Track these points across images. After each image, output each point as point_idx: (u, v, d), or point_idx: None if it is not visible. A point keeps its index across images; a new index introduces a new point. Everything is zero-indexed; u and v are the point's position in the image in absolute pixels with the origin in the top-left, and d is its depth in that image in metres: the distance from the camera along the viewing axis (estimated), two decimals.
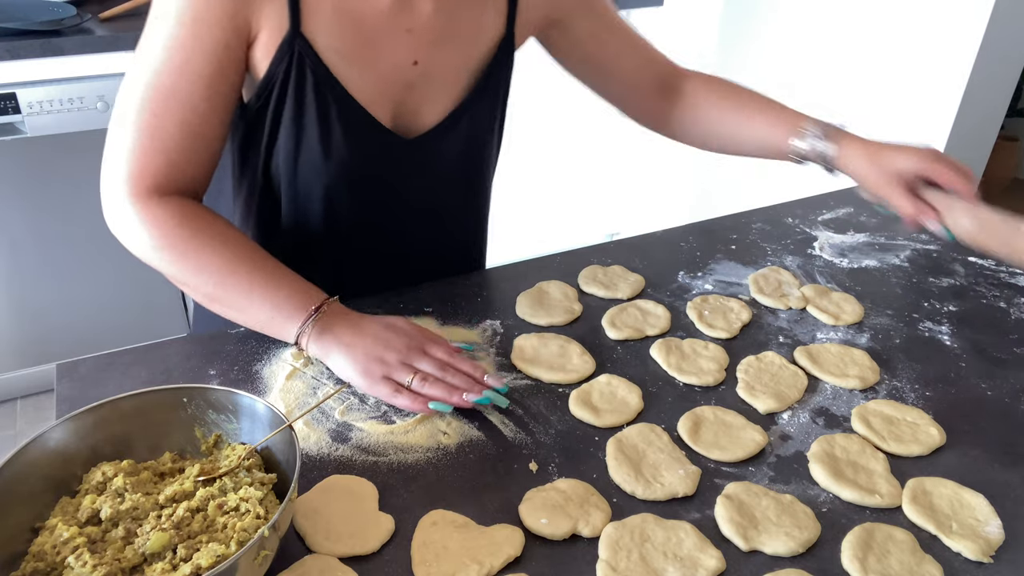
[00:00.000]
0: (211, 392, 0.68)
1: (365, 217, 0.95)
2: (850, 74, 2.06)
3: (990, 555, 0.65)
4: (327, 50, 0.81)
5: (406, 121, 0.90)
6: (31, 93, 1.77)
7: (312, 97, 0.82)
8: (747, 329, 0.95)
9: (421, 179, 0.95)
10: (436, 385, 0.77)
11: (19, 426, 2.11)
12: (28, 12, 1.81)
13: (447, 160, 0.95)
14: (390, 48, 0.84)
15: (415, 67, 0.86)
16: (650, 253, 1.10)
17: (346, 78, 0.83)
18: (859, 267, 1.09)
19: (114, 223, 0.80)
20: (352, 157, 0.87)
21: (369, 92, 0.85)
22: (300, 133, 0.85)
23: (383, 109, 0.87)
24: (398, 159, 0.91)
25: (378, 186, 0.93)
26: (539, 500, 0.68)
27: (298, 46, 0.80)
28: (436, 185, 0.97)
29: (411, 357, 0.78)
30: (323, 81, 0.82)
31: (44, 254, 1.98)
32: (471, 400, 0.77)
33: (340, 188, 0.90)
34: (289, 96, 0.82)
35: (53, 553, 0.57)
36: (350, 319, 0.80)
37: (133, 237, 0.79)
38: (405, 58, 0.85)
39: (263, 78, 0.82)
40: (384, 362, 0.77)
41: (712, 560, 0.63)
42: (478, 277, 1.04)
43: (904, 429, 0.78)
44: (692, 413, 0.79)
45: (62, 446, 0.63)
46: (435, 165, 0.94)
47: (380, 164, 0.90)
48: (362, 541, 0.64)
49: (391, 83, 0.86)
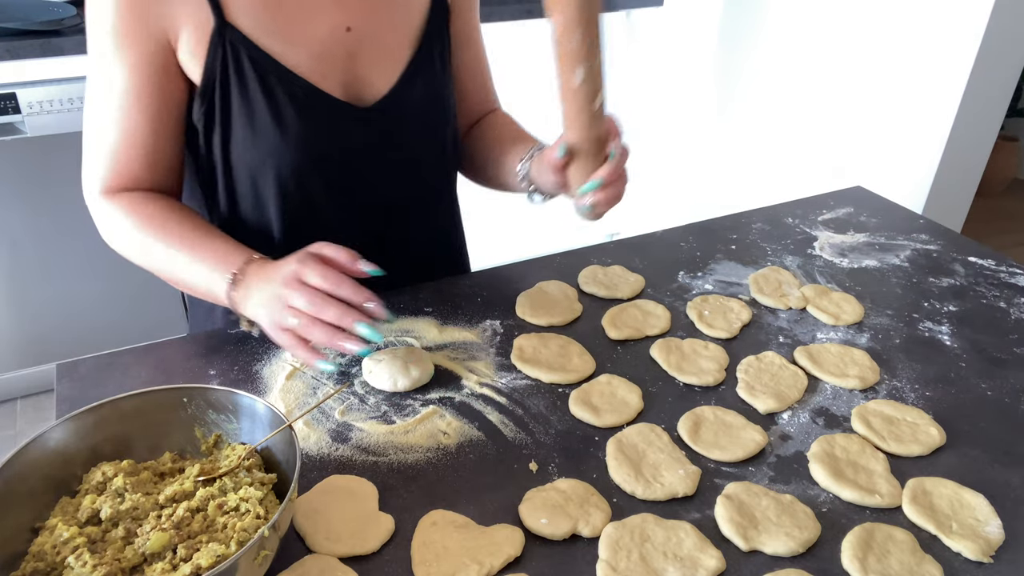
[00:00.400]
0: (211, 392, 0.68)
1: (336, 203, 0.93)
2: (850, 74, 2.06)
3: (990, 555, 0.65)
4: (257, 32, 0.82)
5: (357, 90, 0.90)
6: (31, 93, 1.77)
7: (255, 81, 0.83)
8: (747, 329, 0.95)
9: (387, 150, 0.93)
10: (313, 326, 0.72)
11: (19, 426, 2.11)
12: (28, 12, 1.81)
13: (410, 124, 0.93)
14: (318, 18, 0.85)
15: (350, 33, 0.87)
16: (650, 253, 1.11)
17: (283, 55, 0.84)
18: (859, 267, 1.09)
19: (97, 224, 0.88)
20: (309, 132, 0.86)
21: (310, 65, 0.85)
22: (253, 119, 0.85)
23: (330, 80, 0.87)
24: (358, 129, 0.90)
25: (344, 164, 0.91)
26: (539, 500, 0.68)
27: (228, 35, 0.81)
28: (403, 159, 0.95)
29: (288, 294, 0.73)
30: (262, 63, 0.82)
31: (44, 254, 1.98)
32: (352, 349, 0.71)
33: (306, 171, 0.89)
34: (233, 86, 0.83)
35: (53, 553, 0.57)
36: (263, 271, 0.76)
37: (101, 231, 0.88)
38: (337, 25, 0.86)
39: (203, 77, 0.83)
40: (283, 307, 0.73)
41: (712, 560, 0.63)
42: (478, 277, 1.04)
43: (904, 429, 0.78)
44: (692, 413, 0.79)
45: (62, 446, 0.63)
46: (399, 131, 0.93)
47: (340, 137, 0.90)
48: (362, 541, 0.64)
49: (330, 53, 0.86)
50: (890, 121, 1.97)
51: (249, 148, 0.86)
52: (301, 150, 0.87)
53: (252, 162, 0.87)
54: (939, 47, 1.81)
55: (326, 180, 0.91)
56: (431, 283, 1.01)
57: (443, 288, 1.00)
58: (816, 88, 2.17)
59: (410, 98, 0.92)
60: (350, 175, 0.93)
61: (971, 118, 1.84)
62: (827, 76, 2.13)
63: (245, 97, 0.83)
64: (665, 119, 2.67)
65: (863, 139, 2.06)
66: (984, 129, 1.91)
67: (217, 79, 0.82)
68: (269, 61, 0.83)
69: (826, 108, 2.15)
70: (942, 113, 1.84)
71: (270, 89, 0.83)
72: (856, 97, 2.05)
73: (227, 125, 0.85)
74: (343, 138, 0.90)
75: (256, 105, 0.84)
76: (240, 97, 0.83)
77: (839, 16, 2.06)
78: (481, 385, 0.83)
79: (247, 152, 0.87)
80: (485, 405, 0.81)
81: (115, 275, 2.06)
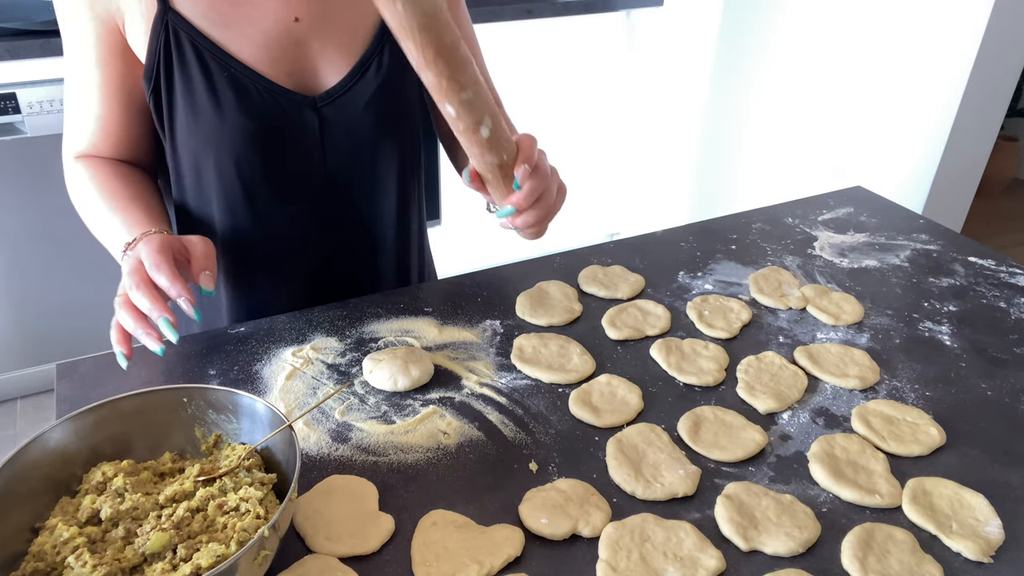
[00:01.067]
0: (211, 392, 0.68)
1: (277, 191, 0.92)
2: (850, 74, 2.06)
3: (990, 555, 0.65)
4: (199, 18, 0.83)
5: (306, 80, 0.89)
6: (31, 93, 1.77)
7: (196, 67, 0.83)
8: (747, 329, 0.95)
9: (336, 140, 0.92)
10: (124, 308, 0.72)
11: (19, 426, 2.11)
12: (28, 12, 1.81)
13: (359, 116, 0.91)
14: (262, 8, 0.85)
15: (298, 24, 0.86)
16: (650, 253, 1.11)
17: (226, 43, 0.84)
18: (859, 267, 1.09)
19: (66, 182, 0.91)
20: (248, 118, 0.86)
21: (254, 53, 0.85)
22: (193, 104, 0.85)
23: (276, 69, 0.87)
24: (302, 118, 0.89)
25: (287, 153, 0.90)
26: (539, 500, 0.68)
27: (170, 20, 0.82)
28: (354, 147, 0.93)
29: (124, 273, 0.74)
30: (203, 49, 0.83)
31: (44, 254, 1.98)
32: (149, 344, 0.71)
33: (246, 157, 0.88)
34: (175, 70, 0.84)
35: (53, 553, 0.57)
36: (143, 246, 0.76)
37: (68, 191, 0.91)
38: (284, 16, 0.86)
39: (146, 60, 0.84)
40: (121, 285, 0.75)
41: (712, 560, 0.63)
42: (478, 277, 1.04)
43: (904, 429, 0.78)
44: (692, 413, 0.79)
45: (62, 446, 0.63)
46: (345, 122, 0.91)
47: (283, 125, 0.88)
48: (362, 541, 0.64)
49: (277, 42, 0.86)
50: (890, 121, 1.97)
51: (192, 133, 0.87)
52: (241, 136, 0.86)
53: (194, 147, 0.88)
54: (939, 47, 1.82)
55: (267, 168, 0.90)
56: (431, 283, 1.01)
57: (443, 288, 1.00)
58: (816, 88, 2.17)
59: (360, 90, 0.91)
60: (293, 163, 0.91)
61: (971, 118, 1.84)
62: (827, 76, 2.13)
63: (187, 82, 0.84)
64: (665, 119, 2.67)
65: (863, 139, 2.06)
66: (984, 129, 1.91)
67: (161, 63, 0.83)
68: (211, 47, 0.83)
69: (826, 108, 2.15)
70: (942, 113, 1.84)
71: (210, 74, 0.84)
72: (856, 97, 2.05)
73: (172, 109, 0.86)
74: (286, 126, 0.89)
75: (196, 90, 0.84)
76: (182, 82, 0.84)
77: (839, 16, 2.06)
78: (481, 385, 0.83)
79: (190, 137, 0.87)
80: (485, 405, 0.81)
81: (115, 275, 2.05)
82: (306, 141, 0.90)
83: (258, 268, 0.96)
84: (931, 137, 1.87)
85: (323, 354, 0.87)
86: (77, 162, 0.90)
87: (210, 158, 0.88)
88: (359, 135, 0.93)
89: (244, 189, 0.90)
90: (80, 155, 0.90)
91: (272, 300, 0.97)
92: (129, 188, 0.87)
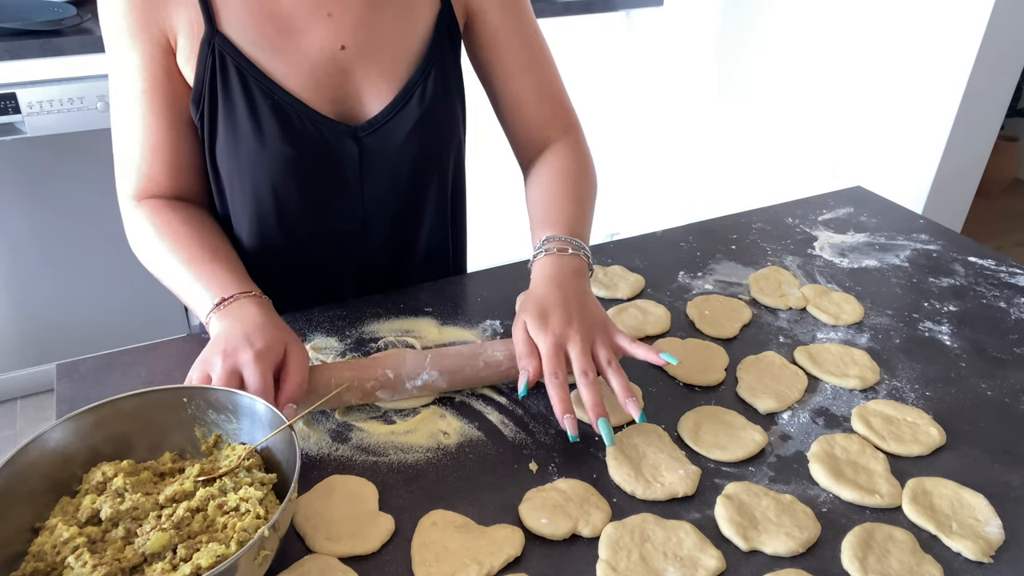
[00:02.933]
0: (211, 392, 0.68)
1: (311, 218, 0.92)
2: (850, 74, 2.06)
3: (990, 555, 0.65)
4: (246, 43, 0.82)
5: (349, 108, 0.88)
6: (31, 93, 1.77)
7: (239, 92, 0.83)
8: (747, 329, 0.95)
9: (375, 170, 0.91)
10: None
11: (19, 426, 2.11)
12: (28, 12, 1.81)
13: (399, 146, 0.90)
14: (311, 35, 0.84)
15: (344, 52, 0.85)
16: (650, 253, 1.10)
17: (271, 69, 0.83)
18: (859, 267, 1.09)
19: (126, 231, 0.88)
20: (291, 148, 0.85)
21: (300, 81, 0.84)
22: (235, 128, 0.85)
23: (319, 97, 0.86)
24: (345, 148, 0.88)
25: (330, 181, 0.90)
26: (539, 500, 0.68)
27: (217, 44, 0.81)
28: (394, 177, 0.93)
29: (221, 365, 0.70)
30: (248, 74, 0.82)
31: (44, 254, 1.98)
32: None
33: (289, 185, 0.88)
34: (219, 95, 0.83)
35: (53, 553, 0.57)
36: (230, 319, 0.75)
37: (129, 239, 0.88)
38: (331, 44, 0.85)
39: (194, 83, 0.83)
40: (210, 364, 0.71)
41: (712, 560, 0.63)
42: (478, 277, 1.04)
43: (904, 429, 0.78)
44: (692, 413, 0.79)
45: (62, 446, 0.63)
46: (387, 153, 0.90)
47: (327, 155, 0.88)
48: (362, 541, 0.64)
49: (322, 70, 0.85)
50: (890, 121, 1.97)
51: (231, 156, 0.86)
52: (280, 162, 0.86)
53: (232, 170, 0.88)
54: (939, 47, 1.82)
55: (303, 195, 0.90)
56: (431, 283, 1.01)
57: (443, 288, 1.00)
58: (816, 88, 2.17)
59: (402, 119, 0.89)
60: (330, 192, 0.91)
61: (971, 118, 1.84)
62: (827, 76, 2.13)
63: (229, 106, 0.84)
64: (665, 119, 2.67)
65: (863, 139, 2.06)
66: (984, 129, 1.91)
67: (206, 86, 0.83)
68: (256, 72, 0.83)
69: (826, 108, 2.15)
70: (942, 113, 1.84)
71: (253, 100, 0.83)
72: (856, 97, 2.05)
73: (213, 132, 0.86)
74: (327, 155, 0.88)
75: (238, 114, 0.84)
76: (224, 106, 0.84)
77: (839, 16, 2.06)
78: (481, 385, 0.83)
79: (230, 160, 0.87)
80: (485, 405, 0.81)
81: (115, 275, 2.07)
82: (345, 171, 0.90)
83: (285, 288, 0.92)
84: (931, 137, 1.87)
85: (323, 354, 0.87)
86: (137, 210, 0.86)
87: (247, 181, 0.88)
88: (398, 165, 0.92)
89: (278, 213, 0.90)
90: (138, 196, 0.87)
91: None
92: (203, 243, 0.83)
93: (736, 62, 2.42)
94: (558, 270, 0.81)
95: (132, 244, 0.87)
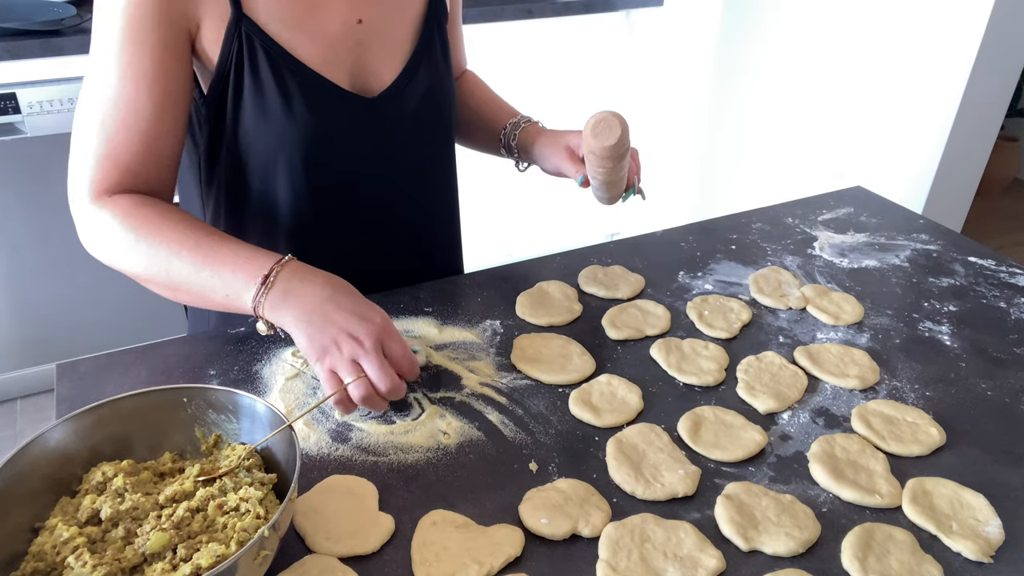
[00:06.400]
0: (211, 392, 0.68)
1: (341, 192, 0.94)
2: (850, 74, 2.06)
3: (990, 555, 0.65)
4: (272, 23, 0.83)
5: (363, 80, 0.91)
6: (31, 93, 1.77)
7: (268, 72, 0.84)
8: (747, 329, 0.95)
9: (390, 140, 0.94)
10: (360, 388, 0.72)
11: (19, 426, 2.11)
12: (28, 12, 1.81)
13: (413, 114, 0.94)
14: (332, 10, 0.86)
15: (360, 25, 0.88)
16: (650, 253, 1.11)
17: (295, 46, 0.85)
18: (859, 267, 1.09)
19: (81, 233, 0.83)
20: (317, 122, 0.87)
21: (320, 56, 0.86)
22: (264, 108, 0.86)
23: (338, 71, 0.88)
24: (363, 120, 0.91)
25: (350, 153, 0.92)
26: (539, 500, 0.68)
27: (244, 27, 0.82)
28: (406, 150, 0.97)
29: (361, 353, 0.73)
30: (275, 54, 0.84)
31: (44, 254, 1.98)
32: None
33: (311, 161, 0.89)
34: (246, 75, 0.84)
35: (53, 553, 0.57)
36: (303, 281, 0.75)
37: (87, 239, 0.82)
38: (349, 18, 0.87)
39: (217, 65, 0.83)
40: (338, 349, 0.73)
41: (712, 560, 0.63)
42: (478, 277, 1.04)
43: (904, 429, 0.78)
44: (692, 413, 0.79)
45: (62, 446, 0.63)
46: (402, 120, 0.94)
47: (347, 128, 0.91)
48: (362, 541, 0.64)
49: (341, 45, 0.87)
50: (890, 121, 1.97)
51: (261, 138, 0.87)
52: (310, 139, 0.88)
53: (263, 152, 0.88)
54: (939, 47, 1.81)
55: (333, 170, 0.92)
56: (431, 283, 1.01)
57: (443, 288, 1.00)
58: (816, 88, 2.17)
59: (413, 88, 0.94)
60: (356, 165, 0.94)
61: (971, 118, 1.84)
62: (827, 76, 2.13)
63: (258, 87, 0.84)
64: (665, 119, 2.67)
65: (863, 139, 2.06)
66: (984, 129, 1.90)
67: (232, 69, 0.84)
68: (281, 52, 0.84)
69: (826, 108, 2.15)
70: (942, 113, 1.84)
71: (282, 79, 0.85)
72: (856, 97, 2.05)
73: (237, 115, 0.86)
74: (350, 128, 0.91)
75: (268, 95, 0.85)
76: (252, 87, 0.84)
77: (839, 16, 2.06)
78: (481, 385, 0.83)
79: (259, 141, 0.87)
80: (485, 405, 0.81)
81: (115, 275, 2.05)
82: (363, 141, 0.93)
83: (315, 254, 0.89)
84: (931, 137, 1.87)
85: None
86: (103, 205, 0.80)
87: (281, 160, 0.89)
88: (413, 131, 0.96)
89: (312, 190, 0.92)
90: (102, 191, 0.81)
91: None
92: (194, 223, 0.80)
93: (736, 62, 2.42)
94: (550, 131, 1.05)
95: (94, 245, 0.82)
